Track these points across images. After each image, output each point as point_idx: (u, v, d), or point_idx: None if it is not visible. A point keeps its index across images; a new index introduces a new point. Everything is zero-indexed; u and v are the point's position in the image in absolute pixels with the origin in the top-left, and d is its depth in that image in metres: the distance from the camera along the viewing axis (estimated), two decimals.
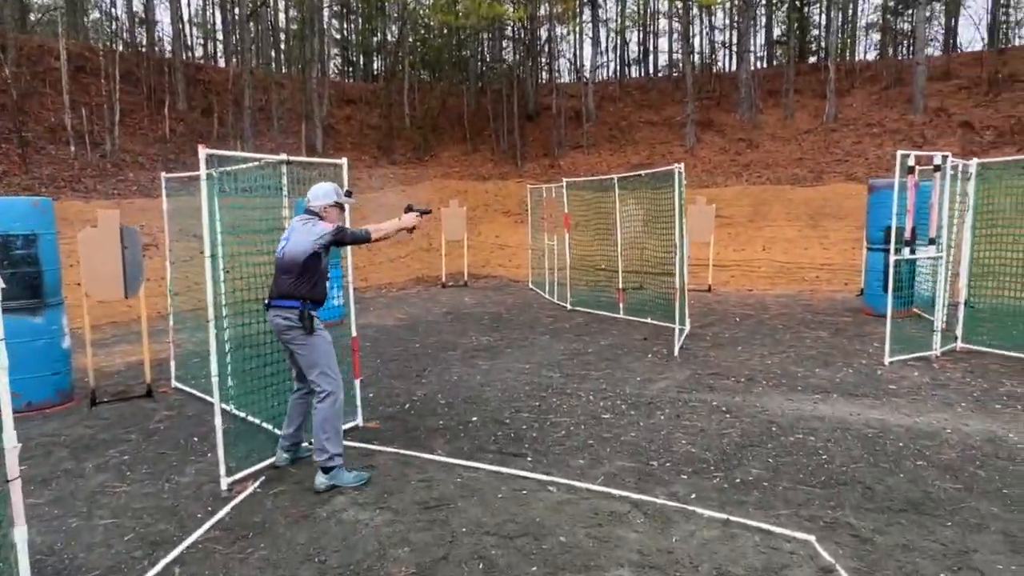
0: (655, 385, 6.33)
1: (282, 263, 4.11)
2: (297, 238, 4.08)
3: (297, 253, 4.03)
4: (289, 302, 4.04)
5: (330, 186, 4.28)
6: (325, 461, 4.02)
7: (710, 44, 35.05)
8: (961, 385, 6.16)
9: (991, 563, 3.09)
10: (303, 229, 4.10)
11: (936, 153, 7.14)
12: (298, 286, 4.05)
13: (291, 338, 4.07)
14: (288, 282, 4.05)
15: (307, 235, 4.04)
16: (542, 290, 13.23)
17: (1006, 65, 22.87)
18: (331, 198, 4.24)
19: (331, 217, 4.22)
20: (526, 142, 26.01)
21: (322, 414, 4.04)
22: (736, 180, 20.54)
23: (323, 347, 4.10)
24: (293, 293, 4.04)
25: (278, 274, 4.13)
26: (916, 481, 4.03)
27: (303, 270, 4.03)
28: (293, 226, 4.22)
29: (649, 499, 3.79)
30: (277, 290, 4.12)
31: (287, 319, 4.04)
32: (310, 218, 4.17)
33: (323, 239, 4.04)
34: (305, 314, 4.02)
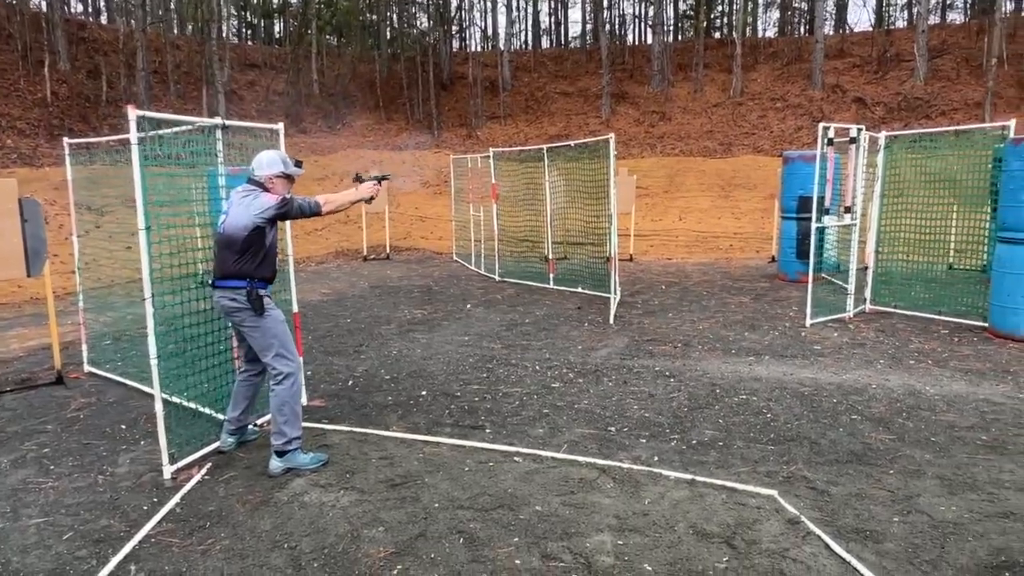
0: (597, 353, 6.42)
1: (222, 239, 3.80)
2: (237, 212, 3.77)
3: (237, 228, 3.73)
4: (234, 282, 3.77)
5: (276, 154, 3.94)
6: (282, 445, 3.81)
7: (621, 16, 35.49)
8: (876, 344, 6.61)
9: (934, 505, 3.34)
10: (243, 202, 3.79)
11: (852, 126, 7.54)
12: (242, 264, 3.76)
13: (240, 320, 3.82)
14: (231, 260, 3.76)
15: (248, 208, 3.74)
16: (468, 262, 13.14)
17: (893, 45, 24.45)
18: (277, 167, 3.89)
19: (277, 189, 3.88)
20: (442, 111, 25.59)
21: (280, 397, 3.81)
22: (651, 152, 21.04)
23: (275, 327, 3.84)
24: (238, 272, 3.76)
25: (219, 251, 3.82)
26: (855, 434, 4.30)
27: (245, 246, 3.74)
28: (232, 199, 3.90)
29: (615, 464, 3.85)
30: (220, 269, 3.80)
31: (234, 300, 3.78)
32: (252, 190, 3.84)
33: (266, 212, 3.73)
34: (253, 294, 3.75)
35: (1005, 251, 6.67)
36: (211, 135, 4.31)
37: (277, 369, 3.82)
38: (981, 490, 3.50)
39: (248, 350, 4.04)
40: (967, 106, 19.95)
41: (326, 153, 22.07)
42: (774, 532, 3.08)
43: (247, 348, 4.03)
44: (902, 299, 8.26)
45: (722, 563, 2.84)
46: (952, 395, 5.04)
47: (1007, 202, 6.62)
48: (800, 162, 10.14)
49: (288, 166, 3.95)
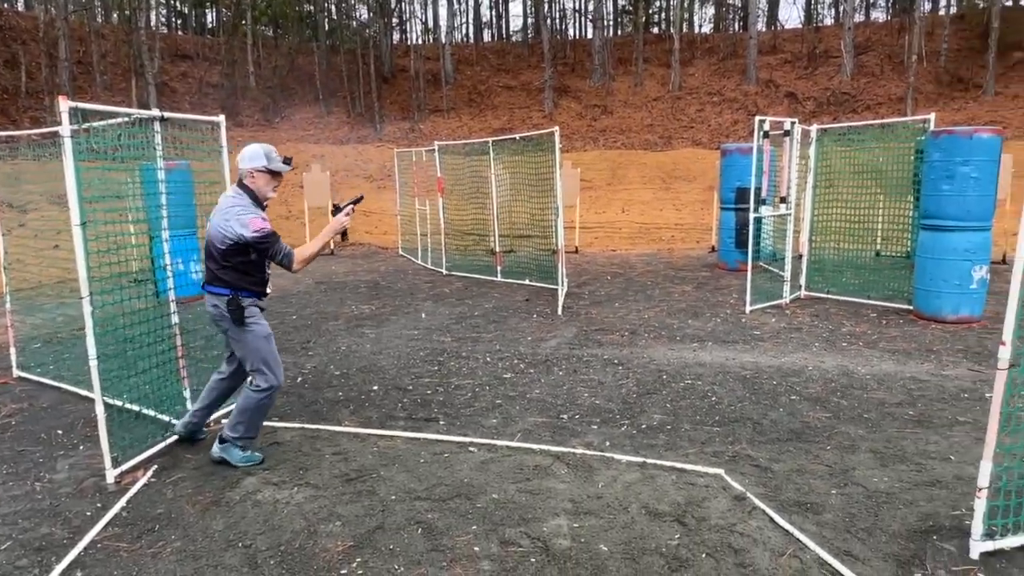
0: (547, 343, 6.51)
1: (206, 244, 3.65)
2: (217, 220, 3.58)
3: (214, 238, 3.58)
4: (217, 288, 3.63)
5: (260, 147, 3.71)
6: (230, 436, 3.78)
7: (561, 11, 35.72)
8: (812, 328, 6.91)
9: (868, 477, 3.54)
10: (227, 210, 3.57)
11: (786, 119, 7.83)
12: (227, 271, 3.60)
13: (222, 328, 3.72)
14: (215, 267, 3.61)
15: (229, 219, 3.52)
16: (414, 256, 13.06)
17: (821, 42, 25.41)
18: (259, 161, 3.65)
19: (259, 184, 3.67)
20: (384, 105, 25.27)
21: (248, 400, 3.72)
22: (594, 145, 21.30)
23: (255, 342, 3.68)
24: (222, 280, 3.61)
25: (205, 254, 3.67)
26: (794, 413, 4.50)
27: (227, 256, 3.55)
28: (220, 201, 3.68)
29: (569, 450, 3.93)
30: (207, 272, 3.68)
31: (216, 307, 3.66)
32: (239, 195, 3.63)
33: (244, 237, 3.50)
34: (234, 303, 3.59)
35: (927, 238, 7.06)
36: (148, 128, 4.17)
37: (256, 382, 3.74)
38: (910, 461, 3.72)
39: (229, 352, 3.94)
40: (890, 101, 20.93)
41: None
42: (722, 508, 3.21)
43: (229, 349, 3.91)
44: (834, 285, 8.65)
45: (674, 540, 2.95)
46: (882, 374, 5.33)
47: (928, 191, 7.01)
48: (737, 154, 10.47)
49: (272, 161, 3.70)
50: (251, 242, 3.52)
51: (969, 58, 22.86)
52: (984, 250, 6.82)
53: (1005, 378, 2.63)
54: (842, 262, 8.92)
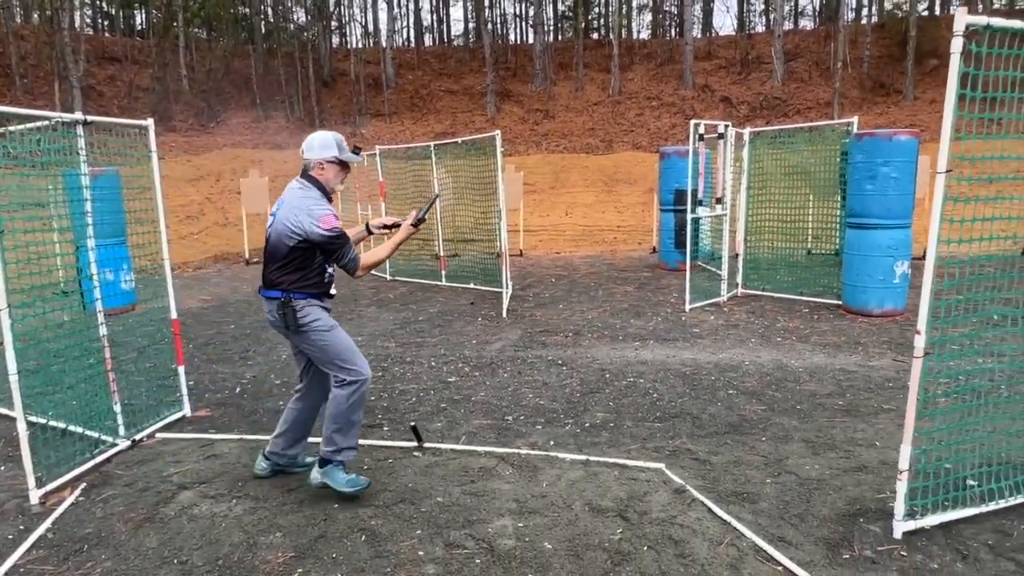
0: (492, 346, 6.52)
1: (268, 243, 3.31)
2: (285, 215, 3.23)
3: (281, 235, 3.23)
4: (271, 292, 3.30)
5: (331, 136, 3.39)
6: (330, 453, 3.35)
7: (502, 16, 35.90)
8: (748, 324, 7.14)
9: (800, 465, 3.67)
10: (294, 203, 3.24)
11: (720, 123, 8.07)
12: (287, 273, 3.27)
13: (287, 334, 3.38)
14: (273, 268, 3.29)
15: (297, 215, 3.20)
16: None
17: (753, 48, 26.29)
18: (331, 151, 3.33)
19: (328, 176, 3.36)
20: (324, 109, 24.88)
21: (335, 405, 3.31)
22: (536, 149, 21.46)
23: (323, 340, 3.30)
24: (279, 283, 3.28)
25: (264, 255, 3.35)
26: (731, 407, 4.63)
27: (291, 255, 3.23)
28: (285, 195, 3.35)
29: (513, 451, 3.95)
30: (264, 276, 3.35)
31: (270, 313, 3.34)
32: (306, 187, 3.32)
33: (312, 235, 3.19)
34: (285, 306, 3.24)
35: (853, 235, 7.39)
36: (70, 132, 4.00)
37: (339, 376, 3.33)
38: (839, 449, 3.88)
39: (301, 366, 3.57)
40: (819, 105, 21.82)
41: (200, 152, 20.89)
42: (663, 502, 3.28)
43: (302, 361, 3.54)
44: (769, 282, 8.95)
45: (616, 535, 3.00)
46: (813, 367, 5.54)
47: (853, 191, 7.34)
48: (675, 157, 10.72)
49: (344, 150, 3.38)
50: (320, 241, 3.20)
51: (890, 65, 24.04)
52: (905, 246, 7.18)
53: (920, 366, 2.78)
54: (776, 260, 9.24)
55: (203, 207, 17.73)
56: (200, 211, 17.44)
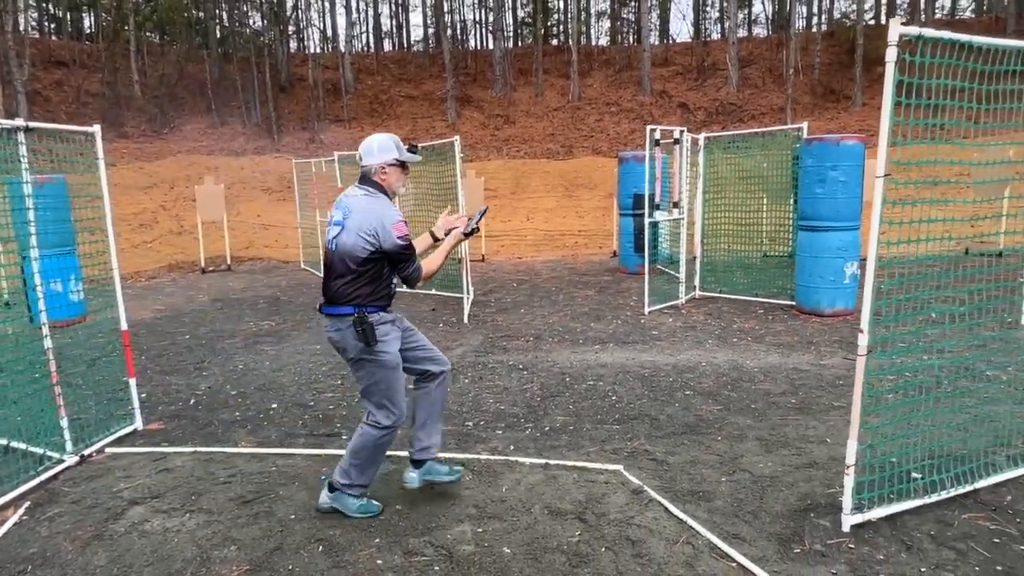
0: (453, 352, 6.51)
1: (336, 256, 3.09)
2: (358, 224, 3.04)
3: (353, 247, 3.03)
4: (341, 308, 3.08)
5: (388, 138, 3.21)
6: (342, 485, 3.25)
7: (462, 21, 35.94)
8: (705, 326, 7.27)
9: (755, 463, 3.76)
10: (364, 212, 3.06)
11: (675, 128, 8.21)
12: (357, 287, 3.07)
13: (347, 355, 3.15)
14: (342, 283, 3.08)
15: (371, 223, 3.02)
16: (317, 269, 12.71)
17: (709, 55, 26.80)
18: (391, 153, 3.16)
19: (391, 179, 3.18)
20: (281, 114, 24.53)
21: (363, 439, 3.19)
22: (497, 154, 21.51)
23: (382, 373, 3.14)
24: (350, 297, 3.07)
25: (329, 269, 3.14)
26: (688, 408, 4.71)
27: (365, 266, 3.05)
28: (349, 203, 3.13)
29: (474, 456, 3.95)
30: (329, 291, 3.13)
31: (339, 331, 3.11)
32: (372, 192, 3.14)
33: (384, 244, 3.03)
34: (362, 321, 3.05)
35: (804, 238, 7.59)
36: (11, 139, 3.88)
37: (375, 416, 3.20)
38: (791, 446, 3.98)
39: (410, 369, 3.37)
40: (772, 111, 22.36)
41: (153, 159, 20.40)
42: (621, 503, 3.32)
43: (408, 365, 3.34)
44: (726, 284, 9.13)
45: (575, 537, 3.02)
46: (768, 366, 5.67)
47: (804, 195, 7.54)
48: (633, 162, 10.86)
49: (402, 151, 3.22)
50: (392, 250, 3.04)
51: (839, 71, 24.78)
52: (854, 247, 7.40)
53: (864, 364, 2.87)
54: (732, 263, 9.43)
55: (157, 215, 17.31)
56: (154, 219, 17.02)
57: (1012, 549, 2.82)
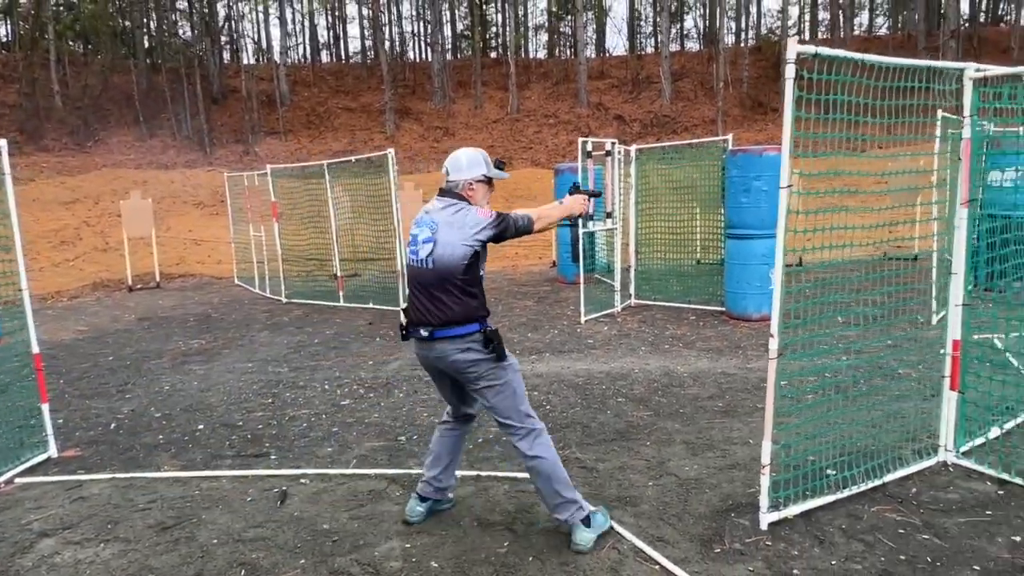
0: (389, 366, 6.45)
1: (434, 274, 2.92)
2: (448, 236, 2.91)
3: (455, 257, 2.89)
4: (463, 328, 2.91)
5: (477, 153, 3.10)
6: (573, 515, 3.01)
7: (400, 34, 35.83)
8: (639, 333, 7.42)
9: (681, 466, 3.85)
10: (452, 220, 2.94)
11: (607, 140, 8.39)
12: (467, 301, 2.92)
13: (476, 375, 2.96)
14: (453, 299, 2.90)
15: (460, 228, 2.91)
16: (251, 285, 12.42)
17: (644, 68, 27.49)
18: (480, 168, 3.04)
19: (478, 196, 3.05)
20: (214, 127, 23.90)
21: (547, 464, 3.00)
22: (437, 166, 21.46)
23: (516, 382, 3.04)
24: (466, 314, 2.92)
25: (428, 290, 2.95)
26: (620, 414, 4.80)
27: (467, 278, 2.93)
28: (431, 220, 2.99)
29: (404, 472, 3.92)
30: (438, 313, 2.92)
31: (467, 351, 2.92)
32: (452, 203, 3.00)
33: (482, 233, 2.91)
34: (494, 338, 2.93)
35: (732, 245, 7.85)
36: None
37: (523, 428, 3.02)
38: (717, 448, 4.10)
39: (450, 402, 3.28)
40: (704, 123, 23.08)
41: (75, 173, 19.55)
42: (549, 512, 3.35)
43: (450, 399, 3.26)
44: (660, 292, 9.34)
45: (503, 548, 3.04)
46: (697, 371, 5.82)
47: (730, 204, 7.80)
48: (569, 173, 11.01)
49: (490, 167, 3.11)
50: (493, 234, 2.93)
51: (766, 85, 25.79)
52: None
53: (775, 366, 2.99)
54: (667, 271, 9.66)
55: (80, 231, 16.58)
56: (76, 236, 16.29)
57: (915, 539, 2.98)
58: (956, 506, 3.25)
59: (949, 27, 22.63)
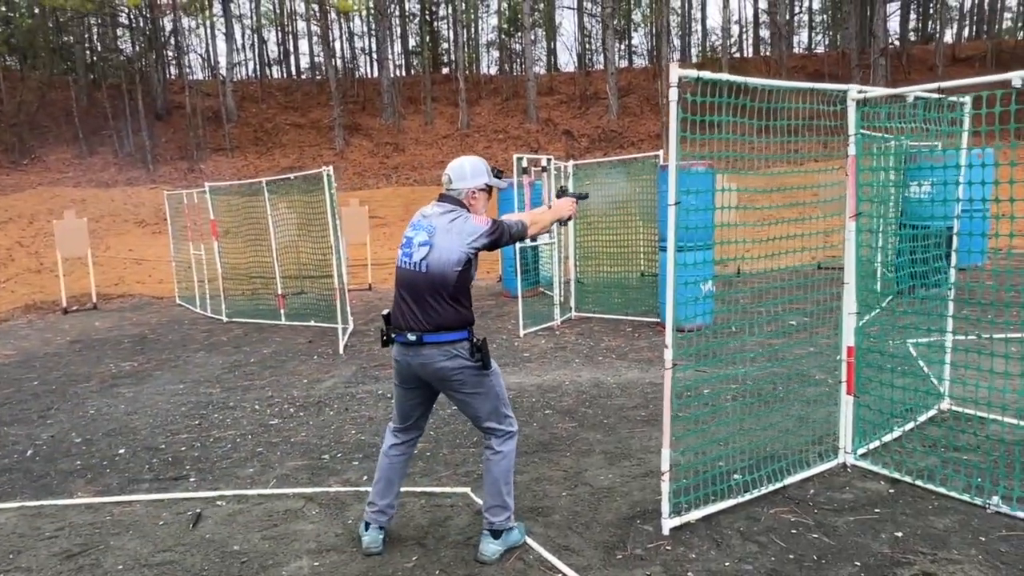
0: (323, 384, 6.42)
1: (426, 278, 2.92)
2: (445, 241, 2.92)
3: (450, 263, 2.90)
4: (452, 334, 2.91)
5: (481, 162, 3.13)
6: (504, 521, 3.07)
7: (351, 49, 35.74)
8: (575, 346, 7.54)
9: (596, 476, 3.94)
10: (449, 226, 2.95)
11: (543, 156, 8.54)
12: (458, 308, 2.94)
13: (459, 383, 2.97)
14: (443, 305, 2.91)
15: (459, 235, 2.92)
16: (192, 305, 12.17)
17: (592, 84, 27.97)
18: (483, 177, 3.08)
19: (479, 205, 3.09)
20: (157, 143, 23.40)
21: (506, 462, 3.06)
22: (386, 182, 21.45)
23: (498, 384, 3.07)
24: (456, 320, 2.92)
25: (417, 295, 2.93)
26: (545, 426, 4.88)
27: (459, 285, 2.94)
28: (429, 224, 2.99)
29: (322, 490, 3.92)
30: (426, 318, 2.91)
31: (455, 358, 2.92)
32: (451, 209, 3.01)
33: (477, 241, 2.94)
34: (479, 344, 2.96)
35: (664, 258, 8.05)
36: None
37: (502, 429, 3.08)
38: (633, 457, 4.21)
39: (407, 417, 3.21)
40: (650, 137, 23.57)
41: (9, 192, 18.90)
42: (462, 525, 3.40)
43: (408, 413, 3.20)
44: (601, 305, 9.50)
45: (411, 563, 3.07)
46: (626, 382, 5.96)
47: (662, 217, 8.01)
48: (510, 188, 11.15)
49: (491, 176, 3.14)
50: (487, 242, 2.96)
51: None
52: (708, 266, 7.91)
53: (670, 376, 3.10)
54: (611, 283, 9.84)
55: (12, 252, 16.02)
56: (9, 256, 15.74)
57: (805, 538, 3.12)
58: (848, 505, 3.41)
59: (879, 46, 23.69)
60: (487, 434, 3.12)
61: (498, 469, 3.06)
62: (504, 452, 3.07)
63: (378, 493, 3.18)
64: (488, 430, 3.10)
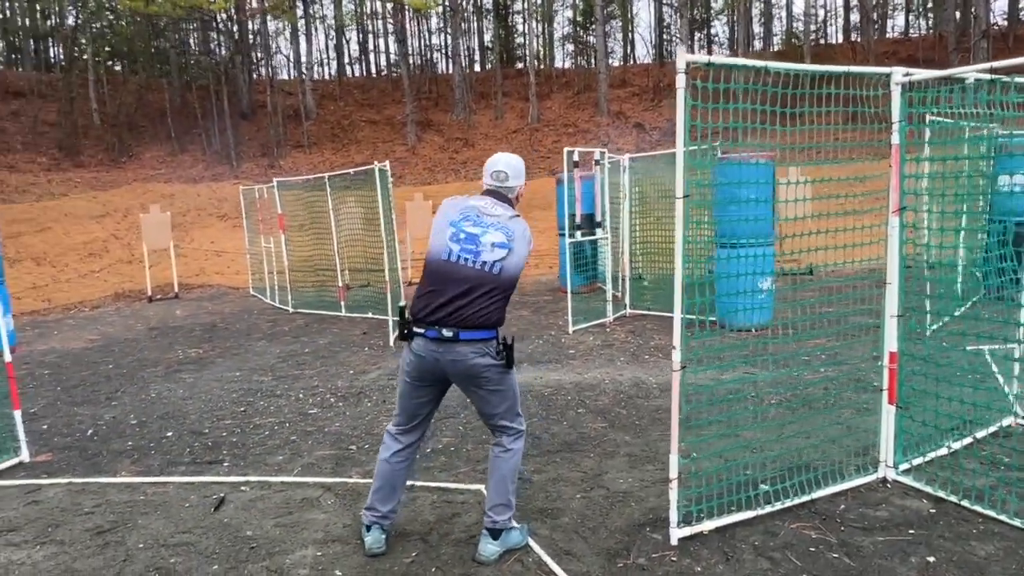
0: (367, 376, 6.54)
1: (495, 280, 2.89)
2: (521, 248, 2.94)
3: (519, 269, 2.96)
4: (486, 332, 2.91)
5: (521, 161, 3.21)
6: (506, 521, 3.05)
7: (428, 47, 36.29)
8: (623, 344, 7.36)
9: (615, 479, 3.82)
10: (523, 233, 2.97)
11: (595, 149, 8.38)
12: (503, 309, 2.98)
13: (487, 380, 2.96)
14: (494, 304, 2.91)
15: (528, 244, 3.01)
16: (263, 295, 12.70)
17: (666, 76, 27.31)
18: (524, 177, 3.17)
19: (521, 203, 3.20)
20: (241, 141, 24.52)
21: (516, 458, 3.10)
22: (455, 176, 21.68)
23: (514, 383, 3.11)
24: (497, 319, 2.94)
25: (470, 293, 2.87)
26: (575, 425, 4.78)
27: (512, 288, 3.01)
28: (504, 226, 2.94)
29: (342, 480, 3.98)
30: (473, 316, 2.86)
31: (484, 356, 2.91)
32: (517, 213, 3.06)
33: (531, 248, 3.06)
34: (506, 344, 2.98)
35: (720, 253, 7.74)
36: None
37: (514, 428, 3.12)
38: (658, 461, 4.06)
39: (414, 416, 3.15)
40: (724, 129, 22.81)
41: (107, 188, 20.28)
42: (468, 523, 3.36)
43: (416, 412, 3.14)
44: (659, 302, 9.24)
45: (409, 558, 3.06)
46: (668, 382, 5.72)
47: (719, 213, 7.70)
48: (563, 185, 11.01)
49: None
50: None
51: None
52: (769, 264, 7.55)
53: (679, 379, 2.96)
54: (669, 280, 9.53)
55: (108, 244, 17.18)
56: (104, 248, 16.89)
57: (824, 557, 2.91)
58: (880, 524, 3.16)
59: (980, 27, 21.96)
60: (500, 432, 3.11)
61: (507, 467, 3.06)
62: (514, 450, 3.10)
63: (380, 500, 3.10)
64: (502, 428, 3.10)
